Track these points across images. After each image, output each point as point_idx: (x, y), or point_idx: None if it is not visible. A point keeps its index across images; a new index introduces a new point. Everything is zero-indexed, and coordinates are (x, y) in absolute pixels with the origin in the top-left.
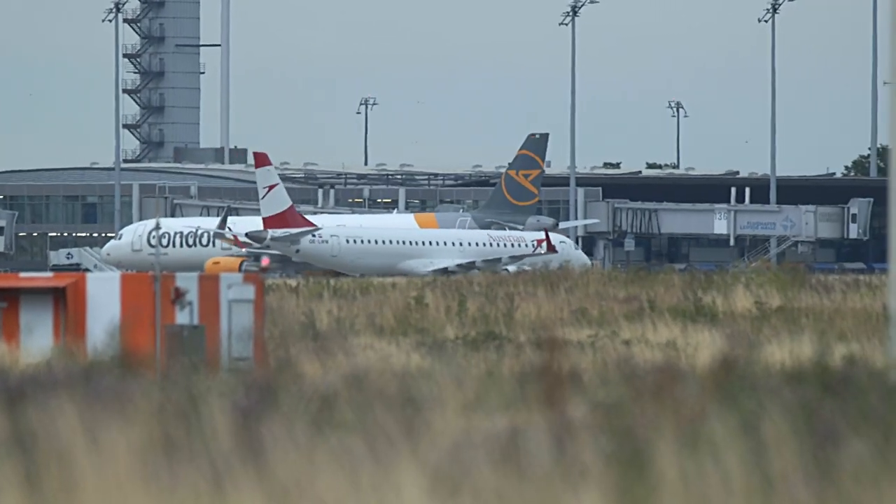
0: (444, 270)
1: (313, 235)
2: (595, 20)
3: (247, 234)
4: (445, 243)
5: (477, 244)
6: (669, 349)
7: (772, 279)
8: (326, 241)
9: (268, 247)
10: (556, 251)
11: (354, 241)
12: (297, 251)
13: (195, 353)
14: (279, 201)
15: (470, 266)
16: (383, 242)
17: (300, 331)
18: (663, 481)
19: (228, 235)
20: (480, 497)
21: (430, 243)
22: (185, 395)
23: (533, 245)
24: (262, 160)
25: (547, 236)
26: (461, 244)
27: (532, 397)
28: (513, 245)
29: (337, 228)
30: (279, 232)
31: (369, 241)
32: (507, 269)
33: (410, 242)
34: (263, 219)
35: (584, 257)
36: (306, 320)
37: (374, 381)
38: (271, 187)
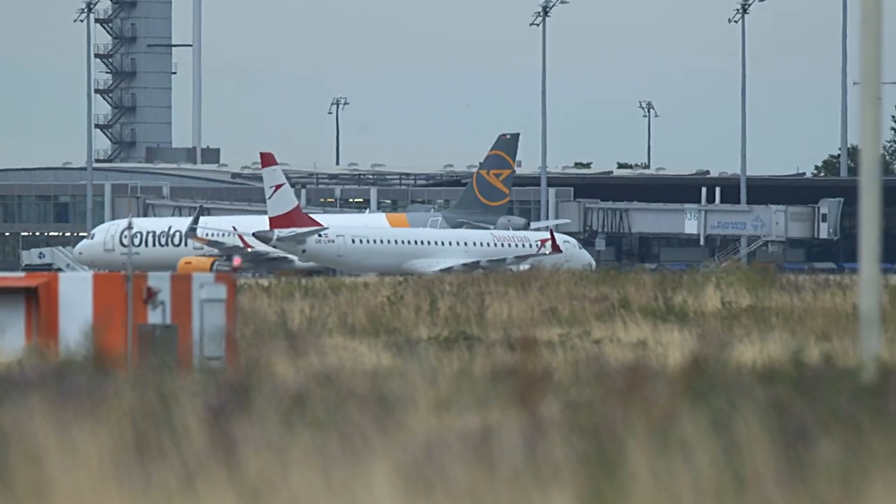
0: (450, 270)
1: (319, 235)
2: (566, 21)
3: (254, 234)
4: (450, 243)
5: (482, 244)
6: (640, 348)
7: (742, 279)
8: (333, 241)
9: (275, 247)
10: (560, 251)
11: (360, 241)
12: (304, 251)
13: (167, 353)
14: (285, 201)
15: (475, 266)
16: (389, 242)
17: (272, 330)
18: (634, 480)
19: (234, 236)
20: (453, 495)
21: (436, 243)
22: (158, 394)
23: (537, 245)
24: (268, 160)
25: (552, 236)
26: (466, 244)
27: (504, 396)
28: (517, 245)
29: (343, 228)
30: (285, 231)
31: (375, 241)
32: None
33: (416, 242)
34: (270, 218)
35: (588, 257)
36: (278, 320)
37: (346, 381)
38: (278, 187)
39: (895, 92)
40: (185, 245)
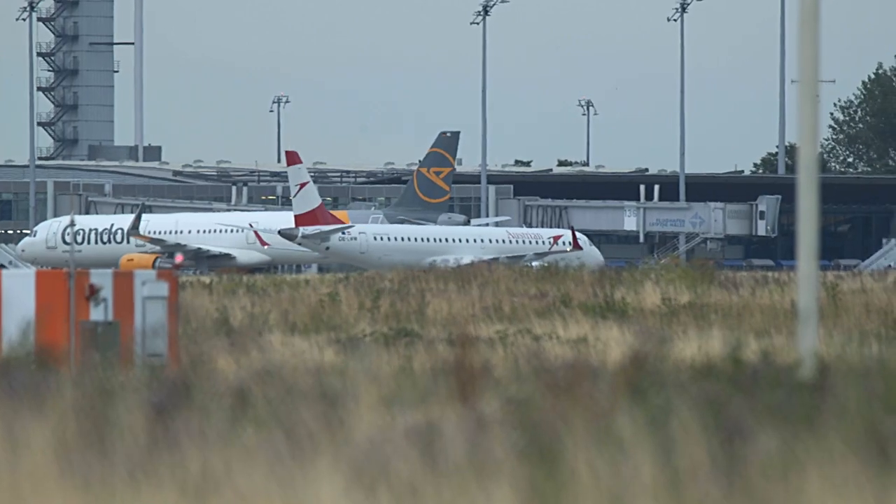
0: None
1: (343, 233)
2: (506, 19)
3: (279, 232)
4: (468, 240)
5: (499, 241)
6: (580, 345)
7: (681, 275)
8: (355, 239)
9: (299, 244)
10: (580, 248)
11: (382, 239)
12: (328, 248)
13: (109, 349)
14: (310, 199)
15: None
16: (409, 240)
17: (214, 327)
18: (574, 476)
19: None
20: (396, 491)
21: (455, 240)
22: (100, 390)
23: (550, 242)
24: (293, 158)
25: (573, 234)
26: (483, 241)
27: (445, 393)
28: (532, 242)
29: (365, 226)
30: (310, 229)
31: (396, 239)
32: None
33: (435, 240)
34: (295, 216)
35: (599, 255)
36: (220, 317)
37: (289, 377)
38: (302, 185)
39: (833, 90)
40: (128, 242)
